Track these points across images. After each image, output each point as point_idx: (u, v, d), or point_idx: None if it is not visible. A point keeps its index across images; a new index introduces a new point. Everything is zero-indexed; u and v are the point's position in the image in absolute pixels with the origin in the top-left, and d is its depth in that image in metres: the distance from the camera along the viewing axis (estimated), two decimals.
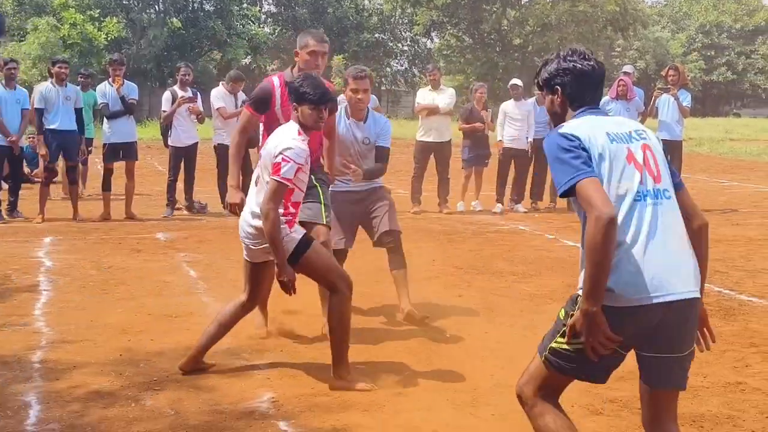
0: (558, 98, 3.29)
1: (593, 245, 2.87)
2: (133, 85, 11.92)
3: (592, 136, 3.08)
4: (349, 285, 5.05)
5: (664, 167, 3.17)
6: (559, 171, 3.04)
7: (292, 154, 4.78)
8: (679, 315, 3.03)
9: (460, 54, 53.41)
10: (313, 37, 5.64)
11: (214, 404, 4.72)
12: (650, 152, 3.15)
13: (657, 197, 3.08)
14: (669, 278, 3.00)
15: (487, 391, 4.95)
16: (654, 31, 68.54)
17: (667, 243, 3.04)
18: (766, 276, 8.27)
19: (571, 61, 3.24)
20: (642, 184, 3.07)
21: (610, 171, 3.05)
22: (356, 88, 6.39)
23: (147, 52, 42.31)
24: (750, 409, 4.71)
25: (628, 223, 3.02)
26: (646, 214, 3.04)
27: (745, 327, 6.43)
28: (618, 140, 3.11)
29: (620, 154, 3.08)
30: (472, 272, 8.31)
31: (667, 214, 3.08)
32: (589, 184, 2.95)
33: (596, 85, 3.29)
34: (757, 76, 73.80)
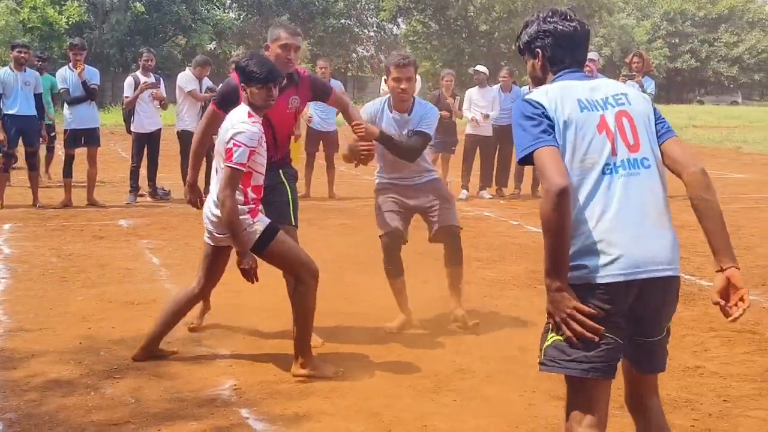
0: (539, 62, 3.13)
1: (544, 216, 2.78)
2: (95, 70, 11.76)
3: (560, 103, 2.93)
4: (314, 275, 5.02)
5: (646, 133, 2.99)
6: (519, 137, 2.93)
7: (243, 138, 4.70)
8: (653, 294, 2.91)
9: (426, 40, 53.40)
10: (285, 29, 5.43)
11: (176, 392, 4.69)
12: (627, 119, 2.96)
13: (632, 167, 2.91)
14: (641, 255, 2.85)
15: (448, 377, 4.97)
16: (619, 19, 68.93)
17: (638, 217, 2.88)
18: None
19: (551, 23, 3.09)
20: (613, 155, 2.90)
21: (575, 141, 2.90)
22: (399, 77, 5.72)
23: (109, 37, 41.84)
24: (708, 393, 4.77)
25: (596, 196, 2.87)
26: (616, 187, 2.88)
27: (704, 312, 6.50)
28: (590, 108, 2.95)
29: (590, 122, 2.92)
30: (438, 257, 8.31)
31: (642, 186, 2.91)
32: (545, 153, 2.84)
33: (578, 47, 3.12)
34: (720, 63, 74.59)
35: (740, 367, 5.22)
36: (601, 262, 2.83)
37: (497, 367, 5.17)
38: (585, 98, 2.97)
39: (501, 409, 4.52)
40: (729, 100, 68.39)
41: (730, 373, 5.10)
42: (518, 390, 4.77)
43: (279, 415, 4.39)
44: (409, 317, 6.06)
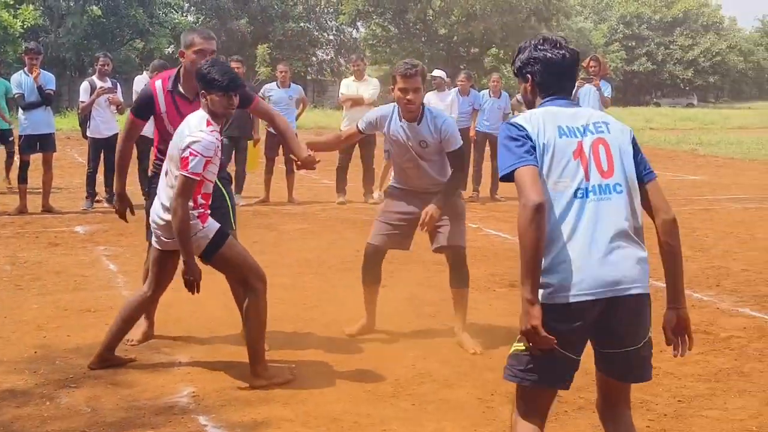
0: (529, 86, 3.30)
1: (521, 230, 2.92)
2: (51, 75, 11.62)
3: (542, 129, 3.10)
4: (263, 279, 5.01)
5: (620, 160, 3.14)
6: (503, 157, 3.08)
7: (200, 147, 4.63)
8: (622, 311, 3.03)
9: (386, 44, 53.51)
10: (199, 34, 5.35)
11: (133, 400, 4.65)
12: (604, 146, 3.13)
13: (603, 192, 3.07)
14: (606, 275, 2.99)
15: (408, 382, 4.98)
16: (577, 22, 69.70)
17: (606, 240, 3.01)
18: None
19: (541, 50, 3.25)
20: (586, 180, 3.06)
21: (551, 165, 3.06)
22: (405, 87, 5.48)
23: (65, 41, 41.39)
24: (663, 393, 4.83)
25: (566, 218, 3.03)
26: (586, 210, 3.03)
27: (660, 313, 6.54)
28: (569, 134, 3.12)
29: (567, 149, 3.09)
30: (396, 262, 8.31)
31: (611, 210, 3.06)
32: (526, 171, 2.99)
33: (565, 74, 3.29)
34: (675, 66, 75.68)
35: (694, 368, 5.29)
36: (567, 282, 2.97)
37: (456, 370, 5.20)
38: (565, 125, 3.14)
39: (459, 413, 4.54)
40: (685, 102, 69.37)
41: (684, 374, 5.17)
42: (477, 393, 4.80)
43: (238, 422, 4.37)
44: (371, 325, 6.05)
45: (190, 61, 5.27)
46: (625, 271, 3.02)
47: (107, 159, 12.00)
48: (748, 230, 10.53)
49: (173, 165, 4.77)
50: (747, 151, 23.75)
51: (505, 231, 10.30)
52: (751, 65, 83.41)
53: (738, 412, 4.57)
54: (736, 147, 25.37)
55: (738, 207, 12.74)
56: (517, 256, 2.97)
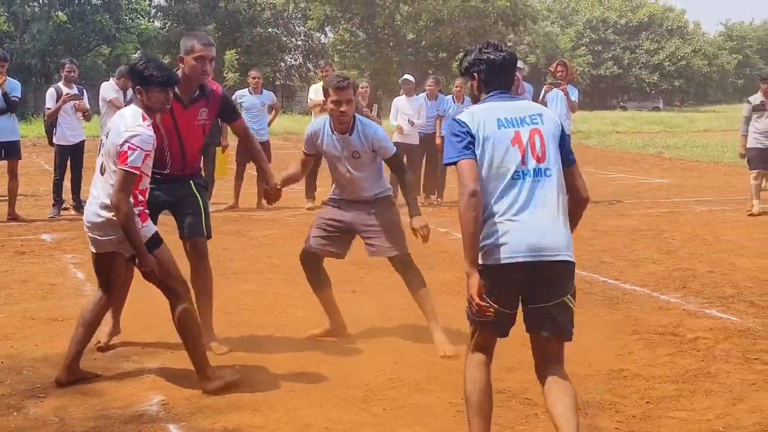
0: (476, 83, 3.90)
1: (460, 213, 3.60)
2: (16, 82, 11.48)
3: (482, 124, 3.69)
4: (188, 290, 5.07)
5: (553, 148, 3.74)
6: (448, 149, 3.73)
7: (138, 141, 4.63)
8: (548, 272, 3.65)
9: (354, 49, 53.53)
10: (200, 40, 5.35)
11: (102, 409, 4.62)
12: (539, 136, 3.72)
13: (537, 175, 3.68)
14: (535, 243, 3.60)
15: (379, 386, 4.99)
16: (544, 26, 70.15)
17: (538, 214, 3.63)
18: (647, 265, 8.58)
19: (485, 53, 3.86)
20: (523, 164, 3.67)
21: (492, 152, 3.66)
22: (338, 100, 5.58)
23: (31, 47, 40.99)
24: (631, 395, 4.88)
25: (506, 196, 3.66)
26: (523, 190, 3.65)
27: (628, 315, 6.65)
28: (506, 125, 3.71)
29: (505, 138, 3.68)
30: (366, 267, 8.33)
31: (544, 190, 3.67)
32: (464, 164, 3.63)
33: (506, 72, 3.89)
34: (641, 70, 76.38)
35: (662, 369, 5.35)
36: (503, 247, 3.62)
37: (427, 375, 5.21)
38: (504, 117, 3.74)
39: (430, 417, 4.56)
40: (651, 105, 70.01)
41: (652, 375, 5.22)
42: (448, 397, 4.81)
43: (208, 430, 4.36)
44: (339, 328, 6.08)
45: (189, 67, 5.31)
46: (554, 242, 3.64)
47: (74, 166, 11.92)
48: (713, 232, 10.66)
49: (111, 161, 4.75)
50: (712, 154, 24.01)
51: None
52: (716, 69, 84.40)
53: (705, 413, 4.63)
54: (702, 150, 25.65)
55: (704, 209, 12.89)
56: None
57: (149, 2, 53.65)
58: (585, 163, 20.11)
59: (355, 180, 5.82)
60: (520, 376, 5.12)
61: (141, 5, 48.84)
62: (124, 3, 45.45)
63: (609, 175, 18.74)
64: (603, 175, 18.78)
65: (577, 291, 7.06)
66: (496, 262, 3.61)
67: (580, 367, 5.37)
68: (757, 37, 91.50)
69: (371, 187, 5.87)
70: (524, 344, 5.53)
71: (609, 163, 22.14)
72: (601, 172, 19.27)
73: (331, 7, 49.70)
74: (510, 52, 3.91)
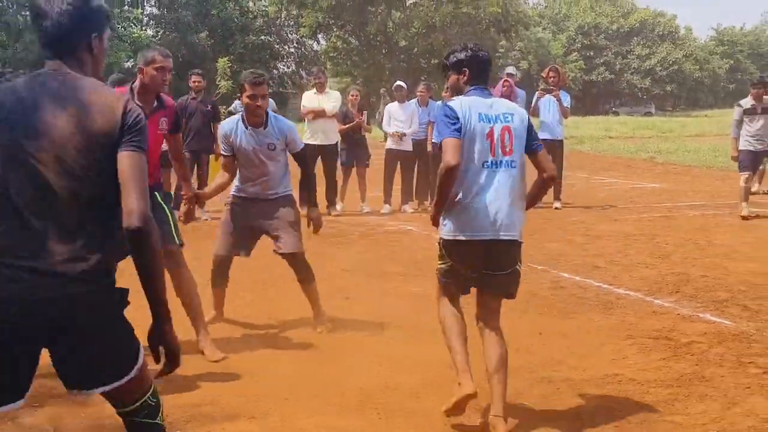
0: (464, 77, 4.55)
1: (439, 180, 4.34)
2: None
3: (467, 114, 4.36)
4: None
5: (519, 144, 4.43)
6: (441, 128, 4.36)
7: None
8: (498, 248, 4.43)
9: (346, 56, 53.61)
10: (160, 53, 5.60)
11: (96, 418, 4.60)
12: (509, 132, 4.40)
13: (504, 166, 4.39)
14: (494, 224, 4.36)
15: (373, 393, 4.99)
16: (535, 32, 70.33)
17: (499, 200, 4.36)
18: (641, 270, 8.59)
19: (473, 52, 4.58)
20: (493, 156, 4.37)
21: (471, 142, 4.34)
22: (254, 94, 6.02)
23: (23, 56, 40.90)
24: (626, 400, 4.89)
25: (475, 182, 4.36)
26: (490, 178, 4.37)
27: (622, 320, 6.66)
28: (485, 120, 4.38)
29: (482, 131, 4.36)
30: (360, 274, 8.35)
31: (508, 179, 4.39)
32: (449, 141, 4.29)
33: (486, 71, 4.62)
34: (633, 75, 76.62)
35: (657, 373, 5.36)
36: (467, 225, 4.38)
37: (421, 381, 5.21)
38: (484, 113, 4.41)
39: (426, 423, 4.55)
40: (643, 110, 70.15)
41: (647, 380, 5.23)
42: (443, 403, 4.80)
43: None
44: (219, 317, 6.53)
45: (150, 77, 5.53)
46: (508, 224, 4.40)
47: None
48: (706, 236, 10.68)
49: None
50: (704, 159, 24.07)
51: None
52: (707, 74, 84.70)
53: (700, 417, 4.64)
54: (694, 154, 25.70)
55: (696, 214, 12.92)
56: None
57: (142, 11, 53.65)
58: (578, 168, 20.18)
59: (267, 174, 6.25)
60: (515, 381, 5.12)
61: (134, 14, 48.82)
62: (117, 11, 45.38)
63: (602, 180, 18.78)
64: (596, 180, 18.82)
65: (571, 296, 7.09)
66: (464, 237, 4.39)
67: (575, 372, 5.38)
68: (748, 41, 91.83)
69: (278, 184, 6.32)
70: (518, 350, 5.55)
71: (602, 168, 22.19)
72: (594, 177, 19.31)
73: (324, 15, 49.75)
74: (487, 53, 4.69)
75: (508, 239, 4.41)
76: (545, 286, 7.88)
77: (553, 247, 9.93)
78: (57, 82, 2.73)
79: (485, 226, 4.35)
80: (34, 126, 2.66)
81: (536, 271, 8.47)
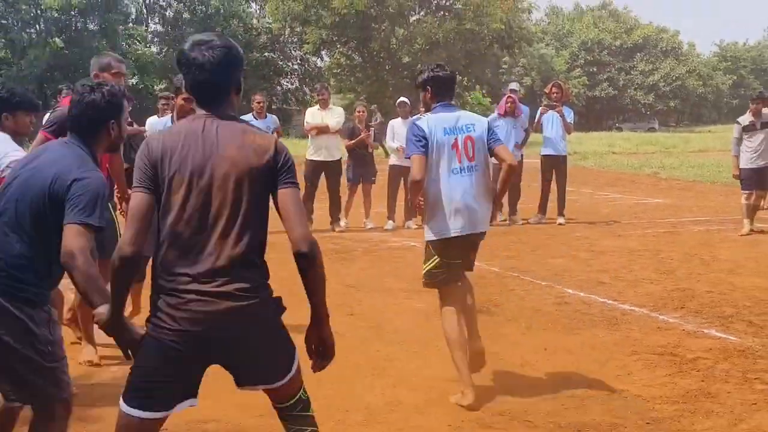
0: (429, 94, 5.32)
1: (411, 186, 5.16)
2: None
3: (433, 129, 5.14)
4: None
5: (480, 150, 5.22)
6: (409, 146, 5.18)
7: None
8: (474, 239, 5.33)
9: (350, 72, 53.65)
10: (114, 59, 5.83)
11: None
12: (470, 141, 5.19)
13: (469, 171, 5.19)
14: (469, 221, 5.18)
15: (378, 410, 4.98)
16: (539, 48, 70.39)
17: (468, 200, 5.16)
18: (646, 285, 8.57)
19: (436, 72, 5.33)
20: (459, 163, 5.16)
21: (439, 153, 5.14)
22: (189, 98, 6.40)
23: (28, 73, 41.08)
24: (631, 416, 4.86)
25: (446, 187, 5.15)
26: (459, 183, 5.16)
27: (627, 336, 6.64)
28: (450, 132, 5.17)
29: (448, 142, 5.15)
30: (364, 290, 8.34)
31: (473, 182, 5.18)
32: (416, 158, 5.10)
33: (450, 88, 5.39)
34: (636, 91, 76.65)
35: (662, 390, 5.34)
36: (446, 225, 5.18)
37: (426, 397, 5.20)
38: (449, 126, 5.19)
39: None
40: (646, 126, 70.09)
41: (652, 396, 5.21)
42: (447, 420, 4.80)
43: None
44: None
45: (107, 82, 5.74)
46: (481, 219, 5.26)
47: None
48: (710, 252, 10.66)
49: None
50: (708, 174, 24.05)
51: None
52: (710, 89, 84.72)
53: None
54: (697, 170, 25.70)
55: (701, 229, 12.90)
56: (482, 282, 3.04)
57: (146, 28, 53.90)
58: (581, 184, 20.17)
59: None
60: (519, 398, 5.12)
61: (138, 31, 49.06)
62: (121, 29, 45.63)
63: (606, 196, 18.76)
64: (600, 195, 18.81)
65: (576, 312, 7.07)
66: (448, 235, 5.18)
67: (579, 388, 5.36)
68: (751, 57, 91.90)
69: None
70: (523, 366, 5.54)
71: (606, 183, 22.18)
72: (597, 193, 19.30)
73: (327, 32, 49.81)
74: (452, 71, 5.40)
75: (482, 231, 5.32)
76: (549, 301, 7.86)
77: (558, 262, 9.91)
78: (214, 125, 3.06)
79: (464, 224, 5.18)
80: (204, 162, 3.00)
81: (540, 287, 8.45)
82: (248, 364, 3.18)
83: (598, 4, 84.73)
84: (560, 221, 13.29)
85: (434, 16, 48.21)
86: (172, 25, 55.31)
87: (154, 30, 56.18)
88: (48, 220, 3.39)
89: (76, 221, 3.29)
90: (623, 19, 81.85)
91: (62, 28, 44.23)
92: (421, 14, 49.35)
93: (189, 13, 54.68)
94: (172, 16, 56.07)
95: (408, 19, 50.40)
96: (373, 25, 49.25)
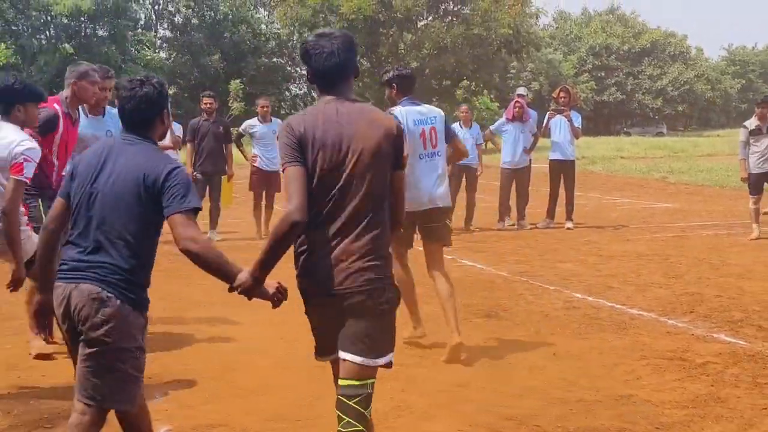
0: (395, 91, 6.28)
1: None
2: None
3: (406, 120, 5.96)
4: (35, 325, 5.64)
5: (441, 138, 6.21)
6: None
7: (33, 154, 5.06)
8: (433, 212, 6.21)
9: (358, 78, 53.73)
10: (91, 69, 6.39)
11: None
12: (433, 131, 6.16)
13: (432, 156, 6.18)
14: (430, 197, 6.15)
15: (386, 414, 4.97)
16: (546, 53, 70.37)
17: (432, 179, 6.15)
18: (654, 290, 8.55)
19: (400, 71, 6.35)
20: (425, 149, 6.12)
21: (413, 141, 5.88)
22: (105, 87, 6.74)
23: (38, 79, 41.22)
24: (640, 421, 4.85)
25: (415, 169, 5.94)
26: (425, 166, 6.12)
27: (635, 340, 6.62)
28: (419, 123, 6.11)
29: (418, 132, 6.09)
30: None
31: (435, 164, 6.20)
32: None
33: (413, 84, 6.33)
34: (644, 95, 76.54)
35: (671, 394, 5.32)
36: (415, 201, 5.86)
37: (434, 402, 5.19)
38: (416, 119, 6.12)
39: None
40: (654, 131, 70.03)
41: (661, 401, 5.19)
42: (456, 425, 4.79)
43: None
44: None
45: (83, 89, 6.32)
46: (440, 196, 6.23)
47: None
48: (720, 256, 10.63)
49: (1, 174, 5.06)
50: (716, 178, 23.99)
51: (481, 261, 10.34)
52: (719, 93, 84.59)
53: None
54: (706, 174, 25.64)
55: (710, 233, 12.86)
56: (491, 287, 3.04)
57: (155, 33, 54.06)
58: (590, 189, 20.14)
59: None
60: (528, 402, 5.10)
61: (147, 37, 49.22)
62: (130, 34, 45.80)
63: (614, 200, 18.74)
64: (608, 200, 18.78)
65: (585, 317, 7.05)
66: (411, 209, 5.55)
67: (588, 392, 5.35)
68: (760, 61, 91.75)
69: None
70: (531, 371, 5.53)
71: (614, 188, 22.15)
72: (606, 197, 19.27)
73: None
74: (412, 70, 6.49)
75: (441, 206, 6.24)
76: (558, 306, 7.85)
77: (566, 267, 9.90)
78: (345, 106, 3.57)
79: (425, 200, 6.13)
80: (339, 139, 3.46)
81: (549, 292, 8.44)
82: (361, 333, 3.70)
83: (606, 9, 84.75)
84: (568, 226, 13.28)
85: (442, 22, 48.21)
86: (181, 30, 55.48)
87: (163, 36, 56.47)
88: (145, 220, 3.50)
89: (181, 210, 3.42)
90: (631, 24, 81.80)
91: (72, 34, 44.43)
92: (429, 19, 49.35)
93: (198, 19, 54.84)
94: (181, 22, 56.26)
95: (416, 25, 50.43)
96: (381, 31, 49.30)
